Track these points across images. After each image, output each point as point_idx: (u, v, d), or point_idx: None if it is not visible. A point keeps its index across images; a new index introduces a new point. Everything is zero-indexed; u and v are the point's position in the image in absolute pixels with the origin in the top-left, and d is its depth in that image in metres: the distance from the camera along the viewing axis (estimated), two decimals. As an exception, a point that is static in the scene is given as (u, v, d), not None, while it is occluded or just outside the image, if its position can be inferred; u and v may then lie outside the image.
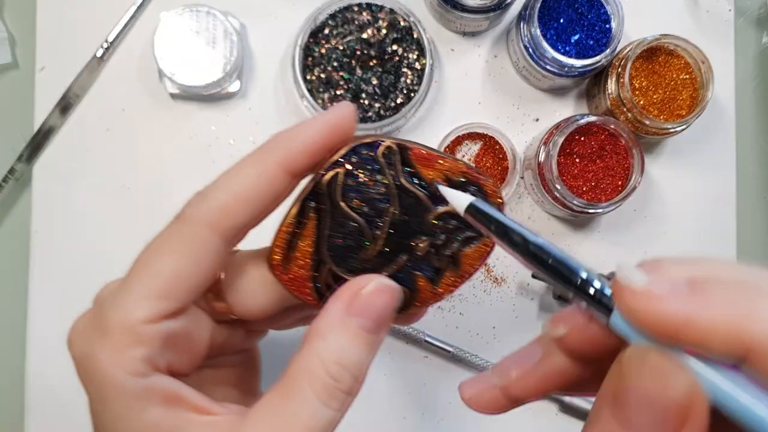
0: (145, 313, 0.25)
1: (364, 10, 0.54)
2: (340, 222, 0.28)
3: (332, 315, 0.27)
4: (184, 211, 0.28)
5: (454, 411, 0.55)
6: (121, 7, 0.55)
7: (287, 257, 0.28)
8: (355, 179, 0.28)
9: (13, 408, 0.55)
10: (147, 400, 0.25)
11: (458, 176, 0.28)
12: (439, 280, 0.29)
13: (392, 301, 0.28)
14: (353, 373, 0.26)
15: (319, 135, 0.27)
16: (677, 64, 0.52)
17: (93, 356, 0.25)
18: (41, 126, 0.55)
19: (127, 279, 0.27)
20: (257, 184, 0.27)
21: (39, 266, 0.55)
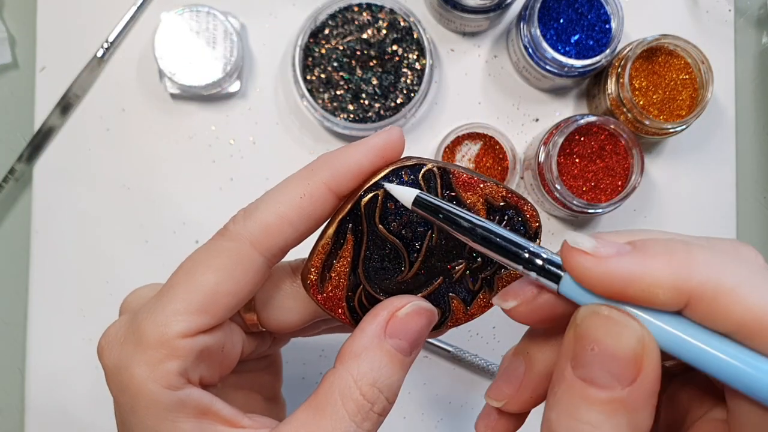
0: (183, 327, 0.26)
1: (364, 11, 0.54)
2: (378, 244, 0.28)
3: (368, 336, 0.27)
4: (228, 227, 0.28)
5: (454, 411, 0.55)
6: (121, 8, 0.55)
7: (323, 276, 0.28)
8: (395, 202, 0.28)
9: (13, 408, 0.55)
10: (179, 413, 0.25)
11: (498, 200, 0.28)
12: (473, 301, 0.30)
13: (429, 323, 0.28)
14: (386, 395, 0.26)
15: (367, 158, 0.27)
16: (677, 64, 0.52)
17: (127, 368, 0.25)
18: (41, 126, 0.55)
19: (165, 291, 0.27)
20: (302, 205, 0.27)
21: (39, 266, 0.55)
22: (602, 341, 0.21)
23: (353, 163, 0.27)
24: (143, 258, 0.54)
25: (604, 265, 0.21)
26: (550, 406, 0.22)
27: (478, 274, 0.29)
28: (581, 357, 0.21)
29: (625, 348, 0.21)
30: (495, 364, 0.54)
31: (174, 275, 0.27)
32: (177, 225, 0.55)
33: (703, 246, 0.22)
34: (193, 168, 0.55)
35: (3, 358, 0.56)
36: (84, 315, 0.55)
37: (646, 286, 0.21)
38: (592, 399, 0.21)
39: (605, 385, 0.21)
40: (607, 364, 0.21)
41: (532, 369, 0.27)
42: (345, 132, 0.54)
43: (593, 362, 0.21)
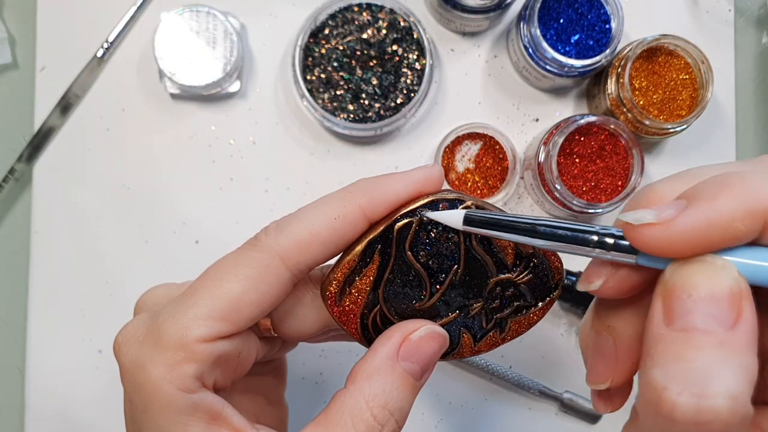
0: (204, 332, 0.26)
1: (364, 11, 0.54)
2: (403, 270, 0.29)
3: (380, 357, 0.27)
4: (260, 238, 0.28)
5: (454, 411, 0.55)
6: (121, 8, 0.55)
7: (342, 290, 0.29)
8: (428, 233, 0.28)
9: (13, 408, 0.55)
10: (191, 416, 0.25)
11: (527, 248, 0.29)
12: (482, 339, 0.30)
13: (441, 348, 0.28)
14: (397, 417, 0.26)
15: (405, 190, 0.28)
16: (677, 64, 0.52)
17: (144, 367, 0.26)
18: (41, 126, 0.55)
19: (189, 294, 0.27)
20: (335, 226, 0.27)
21: (39, 266, 0.55)
22: (699, 285, 0.20)
23: (391, 193, 0.27)
24: (143, 258, 0.54)
25: (674, 227, 0.21)
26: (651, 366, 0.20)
27: (493, 315, 0.30)
28: (677, 309, 0.20)
29: (723, 288, 0.20)
30: (495, 364, 0.54)
31: (199, 279, 0.27)
32: (177, 225, 0.55)
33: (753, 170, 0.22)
34: (193, 168, 0.55)
35: (3, 358, 0.56)
36: (84, 315, 0.55)
37: (725, 225, 0.20)
38: (699, 344, 0.20)
39: (708, 329, 0.20)
40: (708, 308, 0.20)
41: (622, 340, 0.26)
42: (345, 132, 0.54)
43: (692, 309, 0.20)
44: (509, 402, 0.55)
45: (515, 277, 0.29)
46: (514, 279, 0.29)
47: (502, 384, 0.55)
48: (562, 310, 0.56)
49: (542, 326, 0.55)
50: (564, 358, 0.56)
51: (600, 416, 0.55)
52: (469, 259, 0.29)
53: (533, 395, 0.55)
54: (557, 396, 0.54)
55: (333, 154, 0.56)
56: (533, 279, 0.29)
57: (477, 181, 0.54)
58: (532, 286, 0.29)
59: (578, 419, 0.55)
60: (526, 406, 0.55)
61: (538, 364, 0.55)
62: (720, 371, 0.19)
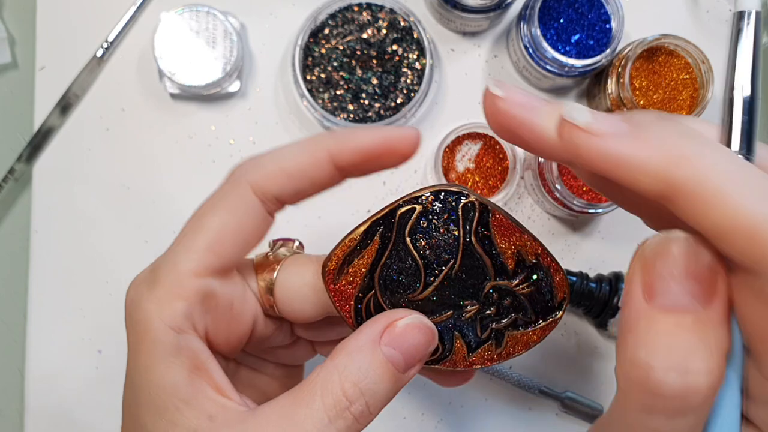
0: (191, 265, 0.27)
1: (364, 10, 0.54)
2: (400, 256, 0.28)
3: (363, 337, 0.27)
4: (232, 172, 0.29)
5: (454, 411, 0.55)
6: (121, 7, 0.55)
7: (341, 269, 0.29)
8: (429, 221, 0.28)
9: (13, 408, 0.55)
10: (175, 358, 0.26)
11: (531, 257, 0.28)
12: (476, 349, 0.29)
13: (426, 342, 0.28)
14: (368, 399, 0.26)
15: (373, 142, 0.28)
16: (677, 64, 0.52)
17: (139, 304, 0.27)
18: (41, 126, 0.55)
19: (179, 237, 0.28)
20: (303, 163, 0.28)
21: (39, 266, 0.55)
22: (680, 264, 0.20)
23: (359, 142, 0.28)
24: (143, 258, 0.54)
25: (595, 142, 0.21)
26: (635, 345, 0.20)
27: (488, 323, 0.29)
28: (657, 286, 0.20)
29: (704, 266, 0.20)
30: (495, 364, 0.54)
31: (186, 224, 0.29)
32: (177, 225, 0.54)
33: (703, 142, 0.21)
34: (193, 168, 0.55)
35: (3, 358, 0.56)
36: (84, 315, 0.55)
37: (631, 171, 0.20)
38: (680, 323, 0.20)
39: (689, 308, 0.20)
40: (688, 286, 0.20)
41: None
42: (345, 132, 0.54)
43: (672, 288, 0.20)
44: (509, 402, 0.55)
45: (514, 285, 0.28)
46: (512, 287, 0.28)
47: (502, 384, 0.55)
48: (562, 310, 0.56)
49: (542, 326, 0.56)
50: (564, 358, 0.56)
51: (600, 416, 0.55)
52: (467, 256, 0.28)
53: (533, 395, 0.55)
54: (557, 396, 0.54)
55: (333, 154, 0.56)
56: (534, 293, 0.28)
57: (477, 181, 0.54)
58: (533, 301, 0.29)
59: (579, 419, 0.55)
60: (526, 406, 0.55)
61: (538, 364, 0.55)
62: (699, 348, 0.20)
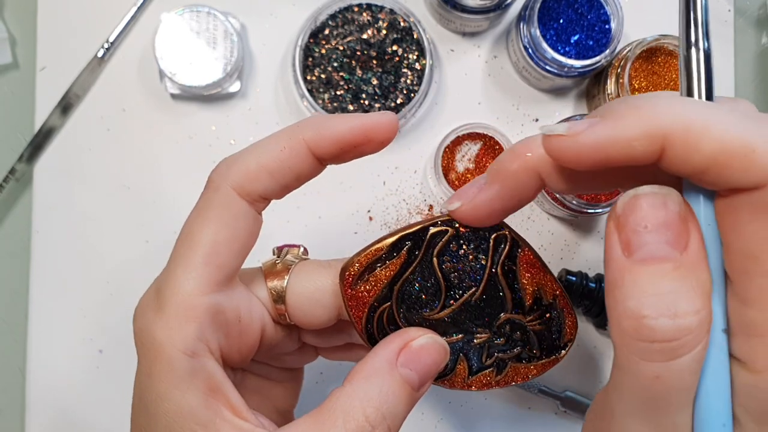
0: (194, 283, 0.26)
1: (364, 11, 0.54)
2: (424, 275, 0.29)
3: (380, 359, 0.27)
4: (211, 178, 0.29)
5: (454, 410, 0.55)
6: (121, 8, 0.55)
7: (361, 275, 0.29)
8: (459, 246, 0.28)
9: (13, 408, 0.55)
10: (191, 383, 0.26)
11: (549, 296, 0.29)
12: (477, 373, 0.30)
13: (441, 360, 0.28)
14: (389, 423, 0.26)
15: (350, 130, 0.28)
16: (677, 64, 0.52)
17: (149, 331, 0.26)
18: (42, 126, 0.55)
19: (173, 256, 0.28)
20: (281, 157, 0.28)
21: (39, 266, 0.55)
22: (650, 216, 0.21)
23: (336, 131, 0.28)
24: (144, 258, 0.54)
25: (581, 140, 0.22)
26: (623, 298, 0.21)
27: (494, 352, 0.29)
28: (633, 241, 0.21)
29: (673, 215, 0.21)
30: (495, 364, 0.54)
31: (177, 240, 0.28)
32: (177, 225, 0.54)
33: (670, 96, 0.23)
34: (194, 168, 0.55)
35: (3, 357, 0.56)
36: (84, 315, 0.55)
37: (623, 143, 0.21)
38: (662, 272, 0.21)
39: (666, 256, 0.21)
40: (662, 236, 0.21)
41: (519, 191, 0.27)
42: (345, 132, 0.54)
43: (648, 240, 0.21)
44: (509, 401, 0.55)
45: (528, 321, 0.29)
46: (525, 322, 0.29)
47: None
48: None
49: (542, 326, 0.56)
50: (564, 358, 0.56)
51: (600, 416, 0.55)
52: (490, 287, 0.29)
53: (533, 394, 0.55)
54: (557, 395, 0.54)
55: (333, 154, 0.56)
56: (545, 331, 0.29)
57: (477, 181, 0.54)
58: (541, 338, 0.29)
59: (578, 419, 0.55)
60: (526, 405, 0.56)
61: (538, 363, 0.55)
62: (684, 291, 0.21)
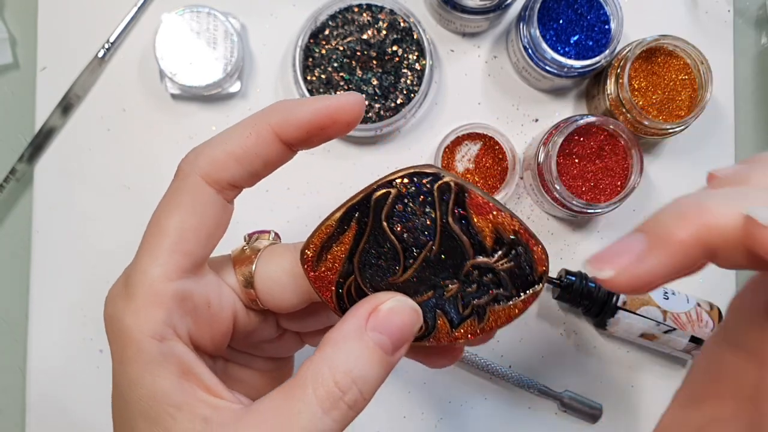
0: (161, 270, 0.26)
1: (365, 11, 0.54)
2: (378, 241, 0.28)
3: (348, 325, 0.27)
4: (180, 167, 0.29)
5: (454, 411, 0.55)
6: (122, 8, 0.55)
7: (320, 256, 0.29)
8: (405, 205, 0.28)
9: (13, 408, 0.55)
10: (162, 367, 0.26)
11: (509, 233, 0.28)
12: (459, 325, 0.29)
13: (411, 323, 0.28)
14: (360, 387, 0.26)
15: (315, 113, 0.28)
16: (676, 64, 0.52)
17: (118, 318, 0.26)
18: (42, 126, 0.55)
19: (142, 245, 0.28)
20: (248, 143, 0.28)
21: (40, 266, 0.55)
22: None
23: (301, 115, 0.28)
24: (144, 258, 0.54)
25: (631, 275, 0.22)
26: None
27: (470, 300, 0.29)
28: None
29: None
30: (495, 364, 0.54)
31: (146, 229, 0.28)
32: (177, 225, 0.55)
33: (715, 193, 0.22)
34: (194, 168, 0.55)
35: (3, 357, 0.56)
36: (85, 315, 0.55)
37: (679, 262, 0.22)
38: None
39: None
40: None
41: None
42: (345, 132, 0.54)
43: None
44: (509, 402, 0.55)
45: (494, 262, 0.28)
46: (492, 264, 0.28)
47: (502, 384, 0.55)
48: (561, 310, 0.56)
49: (542, 326, 0.56)
50: (564, 358, 0.56)
51: (600, 416, 0.55)
52: (445, 237, 0.28)
53: (533, 395, 0.55)
54: (557, 395, 0.54)
55: (333, 154, 0.56)
56: (514, 268, 0.28)
57: (477, 181, 0.54)
58: (513, 276, 0.29)
59: (578, 419, 0.55)
60: (526, 405, 0.56)
61: (538, 363, 0.55)
62: None
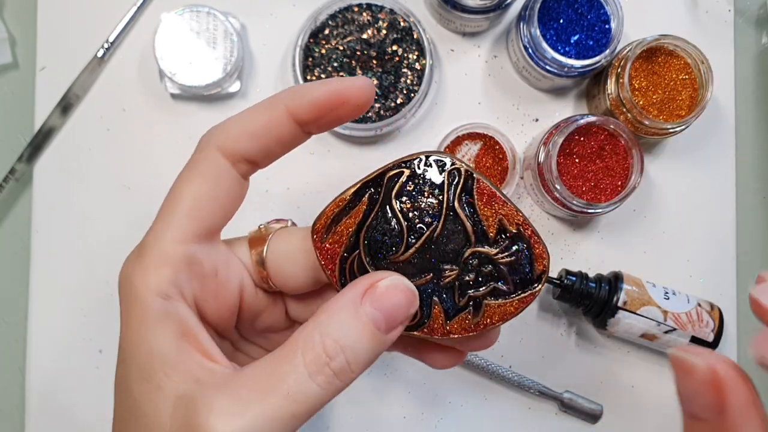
0: (174, 232, 0.28)
1: (365, 11, 0.54)
2: (386, 217, 0.29)
3: (345, 298, 0.27)
4: (201, 140, 0.30)
5: (454, 410, 0.55)
6: (122, 8, 0.55)
7: (329, 228, 0.29)
8: (415, 185, 0.29)
9: (13, 408, 0.55)
10: (162, 325, 0.26)
11: (512, 226, 0.29)
12: (454, 317, 0.29)
13: (407, 303, 0.28)
14: (348, 356, 0.26)
15: (327, 95, 0.29)
16: (677, 64, 0.52)
17: (128, 278, 0.28)
18: (42, 126, 0.55)
19: (161, 209, 0.29)
20: (264, 123, 0.29)
21: (39, 266, 0.55)
22: None
23: (314, 97, 0.29)
24: (143, 258, 0.54)
25: None
26: None
27: (467, 290, 0.29)
28: None
29: None
30: (495, 364, 0.54)
31: (164, 199, 0.29)
32: (177, 225, 0.55)
33: None
34: (194, 168, 0.55)
35: (3, 357, 0.56)
36: (84, 315, 0.55)
37: None
38: None
39: None
40: None
41: None
42: (345, 132, 0.54)
43: None
44: (509, 402, 0.55)
45: (495, 254, 0.29)
46: (492, 255, 0.29)
47: (502, 384, 0.55)
48: (561, 310, 0.56)
49: (542, 326, 0.56)
50: (564, 358, 0.56)
51: (600, 416, 0.55)
52: (450, 221, 0.29)
53: (533, 395, 0.55)
54: (557, 396, 0.54)
55: (333, 154, 0.56)
56: (514, 264, 0.29)
57: (477, 181, 0.54)
58: (513, 272, 0.29)
59: (578, 419, 0.55)
60: (526, 405, 0.56)
61: (538, 364, 0.55)
62: None
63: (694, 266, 0.57)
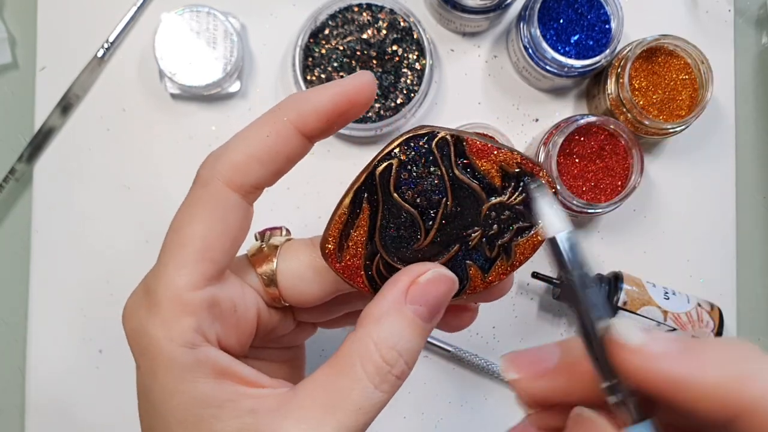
0: (187, 279, 0.26)
1: (364, 11, 0.54)
2: (394, 213, 0.28)
3: (388, 300, 0.27)
4: (200, 173, 0.28)
5: (454, 411, 0.55)
6: (121, 8, 0.55)
7: (340, 246, 0.29)
8: (409, 171, 0.28)
9: (13, 408, 0.55)
10: (197, 372, 0.25)
11: (513, 167, 0.28)
12: (490, 268, 0.29)
13: (449, 290, 0.28)
14: (406, 359, 0.26)
15: (332, 100, 0.28)
16: (677, 64, 0.52)
17: (144, 331, 0.26)
18: (42, 126, 0.55)
19: (163, 253, 0.27)
20: (269, 143, 0.27)
21: (39, 266, 0.55)
22: None
23: (319, 105, 0.27)
24: (144, 258, 0.54)
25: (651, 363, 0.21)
26: None
27: (495, 242, 0.29)
28: None
29: None
30: (495, 364, 0.54)
31: (166, 237, 0.28)
32: (177, 225, 0.55)
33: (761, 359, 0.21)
34: (194, 168, 0.55)
35: (3, 357, 0.56)
36: (84, 315, 0.55)
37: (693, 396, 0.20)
38: None
39: None
40: None
41: None
42: (345, 132, 0.54)
43: None
44: (509, 402, 0.55)
45: (507, 199, 0.29)
46: (506, 202, 0.29)
47: (503, 384, 0.55)
48: (561, 310, 0.56)
49: (542, 326, 0.56)
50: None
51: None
52: (456, 189, 0.28)
53: (533, 395, 0.55)
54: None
55: (333, 154, 0.56)
56: (527, 198, 0.29)
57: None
58: (528, 206, 0.29)
59: (578, 419, 0.55)
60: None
61: (538, 363, 0.55)
62: None
63: (694, 266, 0.57)
